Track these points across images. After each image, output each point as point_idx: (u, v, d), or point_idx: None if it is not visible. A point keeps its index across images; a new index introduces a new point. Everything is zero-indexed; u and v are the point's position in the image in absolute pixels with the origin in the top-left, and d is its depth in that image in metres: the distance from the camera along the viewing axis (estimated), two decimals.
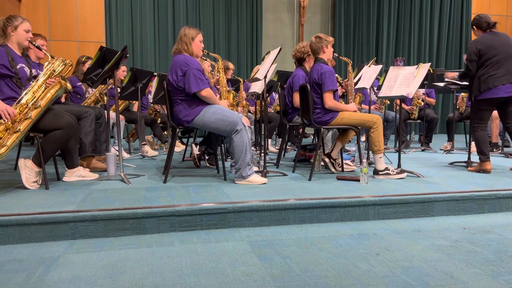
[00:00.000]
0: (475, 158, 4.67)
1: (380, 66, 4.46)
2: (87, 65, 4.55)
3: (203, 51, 3.36)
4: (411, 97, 5.15)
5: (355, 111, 3.55)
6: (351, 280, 1.76)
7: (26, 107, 2.83)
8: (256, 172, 3.30)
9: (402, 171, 3.46)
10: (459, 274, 1.83)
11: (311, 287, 1.69)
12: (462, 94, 5.98)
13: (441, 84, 4.76)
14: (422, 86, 5.52)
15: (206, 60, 4.40)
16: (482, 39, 3.72)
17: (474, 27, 3.83)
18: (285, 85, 4.30)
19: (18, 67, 2.97)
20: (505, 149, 5.68)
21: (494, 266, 1.92)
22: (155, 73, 5.08)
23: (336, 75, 3.89)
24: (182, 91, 3.17)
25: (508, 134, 4.05)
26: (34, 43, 3.12)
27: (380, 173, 3.43)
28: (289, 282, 1.74)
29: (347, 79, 4.23)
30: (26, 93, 2.89)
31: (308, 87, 3.47)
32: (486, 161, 3.75)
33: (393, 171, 3.44)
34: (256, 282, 1.74)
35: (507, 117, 3.79)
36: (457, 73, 4.04)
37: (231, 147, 3.19)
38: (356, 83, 4.63)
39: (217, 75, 4.39)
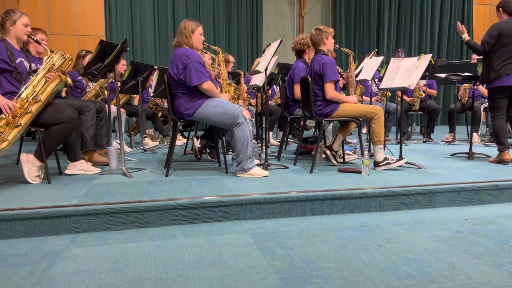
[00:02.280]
0: (476, 149, 4.67)
1: (381, 58, 4.44)
2: (87, 59, 4.54)
3: (203, 44, 3.34)
4: (412, 88, 5.14)
5: (355, 103, 3.54)
6: (353, 272, 1.76)
7: (26, 102, 2.83)
8: (257, 165, 3.31)
9: (402, 159, 3.47)
10: (461, 265, 1.83)
11: (314, 278, 1.70)
12: (465, 85, 5.95)
13: (443, 75, 4.74)
14: (423, 77, 5.50)
15: (206, 53, 4.38)
16: (505, 24, 3.64)
17: (500, 9, 3.73)
18: (285, 78, 4.29)
19: (17, 61, 2.96)
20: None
21: (496, 257, 1.93)
22: (156, 67, 5.07)
23: (337, 66, 3.87)
24: (183, 85, 3.16)
25: (510, 124, 4.02)
26: (33, 37, 3.10)
27: (380, 164, 3.44)
28: (292, 274, 1.75)
29: (348, 71, 4.22)
30: (26, 88, 2.88)
31: (309, 79, 3.46)
32: (504, 151, 3.68)
33: (392, 160, 3.44)
34: (258, 274, 1.74)
35: None
36: (469, 40, 3.84)
37: (232, 140, 3.18)
38: (357, 75, 4.62)
39: (218, 68, 4.37)
